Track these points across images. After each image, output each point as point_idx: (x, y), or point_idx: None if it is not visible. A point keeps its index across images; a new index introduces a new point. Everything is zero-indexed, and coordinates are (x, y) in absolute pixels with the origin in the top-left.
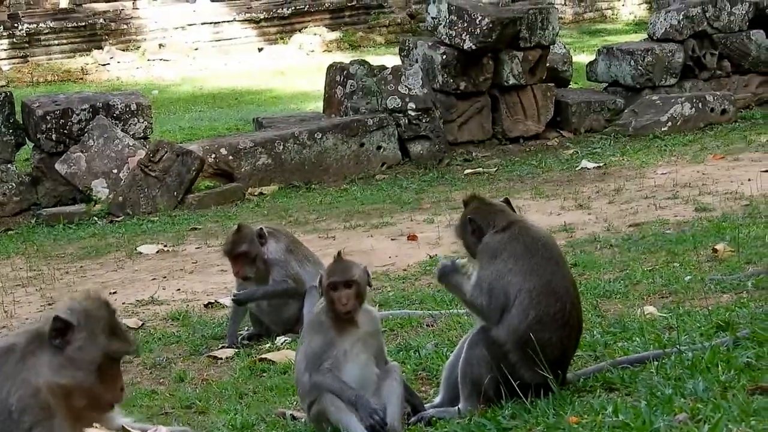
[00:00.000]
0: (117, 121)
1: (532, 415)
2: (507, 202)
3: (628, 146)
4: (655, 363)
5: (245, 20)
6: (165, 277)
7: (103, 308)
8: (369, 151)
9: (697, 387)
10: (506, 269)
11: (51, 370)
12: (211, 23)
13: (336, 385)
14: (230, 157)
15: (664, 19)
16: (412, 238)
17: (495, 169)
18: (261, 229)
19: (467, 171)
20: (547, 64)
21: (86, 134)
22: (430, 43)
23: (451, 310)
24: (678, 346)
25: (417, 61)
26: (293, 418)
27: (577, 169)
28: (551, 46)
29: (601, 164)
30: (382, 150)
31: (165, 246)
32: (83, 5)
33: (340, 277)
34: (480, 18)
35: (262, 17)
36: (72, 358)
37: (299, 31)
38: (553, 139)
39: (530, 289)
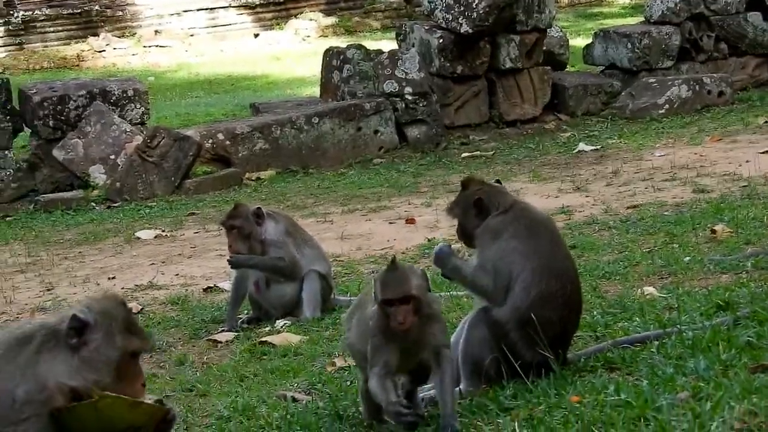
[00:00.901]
0: (114, 107)
1: (534, 395)
2: (498, 183)
3: (625, 129)
4: (656, 343)
5: (241, 6)
6: (163, 262)
7: (119, 307)
8: (366, 135)
9: (699, 366)
10: (509, 248)
11: (64, 370)
12: (206, 9)
13: (381, 396)
14: (227, 143)
15: (661, 2)
16: (410, 221)
17: (492, 153)
18: (258, 208)
19: (464, 154)
20: (544, 48)
21: (83, 120)
22: (426, 27)
23: (451, 292)
24: (678, 325)
25: (413, 46)
26: (294, 400)
27: (574, 151)
28: (548, 30)
29: (599, 147)
30: (379, 134)
31: (163, 231)
32: None
33: (395, 293)
34: (476, 2)
35: (257, 3)
36: (88, 359)
37: (295, 16)
38: (550, 122)
39: (533, 268)
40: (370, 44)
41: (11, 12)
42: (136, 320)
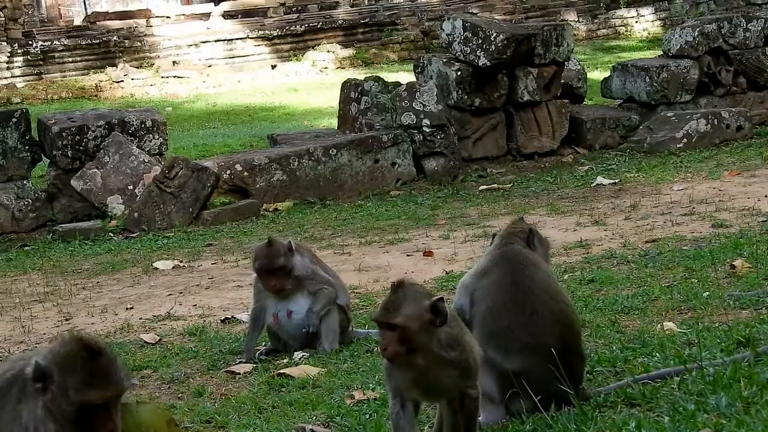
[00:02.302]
0: (132, 138)
1: (554, 430)
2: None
3: (643, 162)
4: (677, 379)
5: (258, 37)
6: (181, 293)
7: (81, 354)
8: (384, 167)
9: (720, 402)
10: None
11: (39, 415)
12: (224, 40)
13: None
14: (245, 173)
15: (679, 36)
16: (427, 254)
17: (510, 185)
18: (290, 242)
19: (482, 187)
20: (562, 81)
21: (102, 151)
22: (444, 60)
23: None
24: (699, 361)
25: (431, 78)
26: None
27: (592, 185)
28: (566, 63)
29: (617, 180)
30: (396, 166)
31: (181, 262)
32: (97, 23)
33: (380, 315)
34: (495, 35)
35: (275, 34)
36: (49, 408)
37: (312, 48)
38: (568, 155)
39: (486, 284)
40: (388, 76)
41: (30, 42)
42: (103, 365)
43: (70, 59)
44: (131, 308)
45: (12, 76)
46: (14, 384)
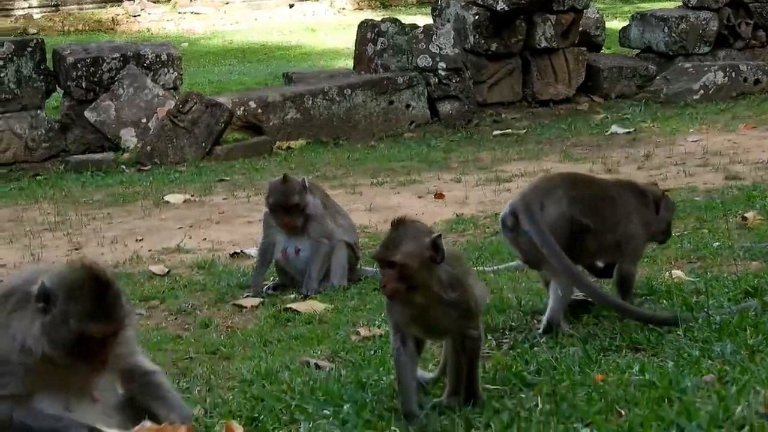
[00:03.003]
0: (147, 71)
1: (558, 372)
2: None
3: (659, 113)
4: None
5: None
6: (191, 227)
7: (89, 283)
8: (398, 109)
9: (725, 350)
10: None
11: (31, 333)
12: None
13: (399, 377)
14: (259, 111)
15: None
16: (439, 196)
17: (524, 131)
18: (304, 179)
19: (496, 132)
20: (580, 29)
21: (116, 83)
22: (462, 3)
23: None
24: (706, 309)
25: (449, 21)
26: (317, 366)
27: (606, 133)
28: (584, 11)
29: (631, 130)
30: (411, 108)
31: (192, 196)
32: None
33: (379, 253)
34: None
35: None
36: (46, 330)
37: None
38: (583, 103)
39: None
40: (405, 18)
41: None
42: (108, 298)
43: None
44: (141, 240)
45: (29, 7)
46: (12, 294)
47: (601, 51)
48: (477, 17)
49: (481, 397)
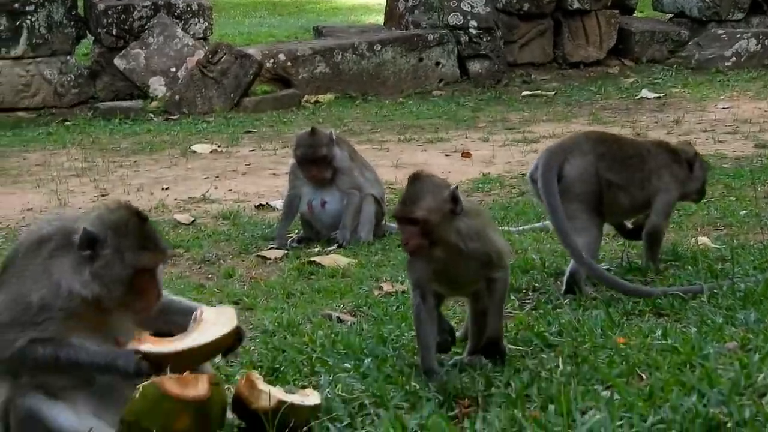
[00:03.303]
0: (178, 20)
1: (580, 333)
2: None
3: (689, 78)
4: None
5: None
6: (218, 177)
7: (132, 219)
8: (427, 66)
9: (749, 318)
10: None
11: (77, 279)
12: None
13: (418, 334)
14: (288, 64)
15: None
16: (466, 155)
17: (553, 93)
18: (331, 132)
19: (525, 93)
20: None
21: (146, 31)
22: None
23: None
24: (731, 277)
25: None
26: (339, 320)
27: (636, 97)
28: None
29: (662, 95)
30: (440, 66)
31: (219, 146)
32: None
33: (399, 211)
34: None
35: None
36: (99, 274)
37: None
38: (613, 66)
39: None
40: None
41: None
42: (152, 231)
43: None
44: (167, 189)
45: None
46: (45, 242)
47: (634, 14)
48: None
49: (504, 348)
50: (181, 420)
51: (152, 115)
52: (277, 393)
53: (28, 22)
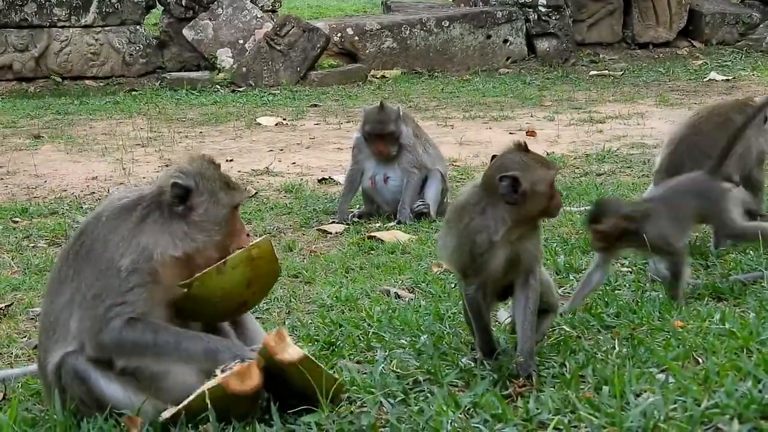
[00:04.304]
0: None
1: (637, 316)
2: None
3: (759, 62)
4: None
5: None
6: (281, 150)
7: (211, 166)
8: (495, 43)
9: None
10: None
11: (169, 240)
12: None
13: (476, 324)
14: (356, 38)
15: None
16: (531, 133)
17: (621, 73)
18: (399, 108)
19: (593, 72)
20: None
21: (216, 2)
22: None
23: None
24: None
25: None
26: (397, 296)
27: (704, 80)
28: None
29: (730, 77)
30: (508, 44)
31: (284, 119)
32: None
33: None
34: None
35: None
36: (198, 222)
37: None
38: (683, 48)
39: None
40: None
41: None
42: (227, 174)
43: None
44: (231, 160)
45: None
46: (130, 209)
47: None
48: None
49: (531, 370)
50: (241, 406)
51: (218, 87)
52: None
53: None
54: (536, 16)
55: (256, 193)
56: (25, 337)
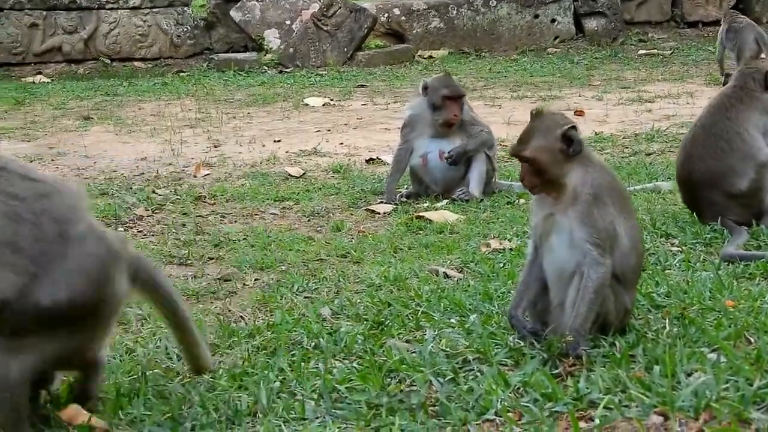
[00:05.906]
0: None
1: (688, 296)
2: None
3: None
4: None
5: None
6: (329, 130)
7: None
8: (543, 23)
9: None
10: None
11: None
12: None
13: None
14: (402, 18)
15: None
16: (579, 113)
17: (670, 52)
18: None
19: (641, 51)
20: None
21: None
22: None
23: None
24: None
25: None
26: (446, 276)
27: None
28: None
29: None
30: (556, 23)
31: (331, 100)
32: None
33: (514, 148)
34: None
35: None
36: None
37: None
38: None
39: None
40: None
41: None
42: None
43: None
44: (279, 141)
45: None
46: None
47: None
48: None
49: (580, 352)
50: None
51: (266, 68)
52: None
53: None
54: None
55: (305, 173)
56: None
